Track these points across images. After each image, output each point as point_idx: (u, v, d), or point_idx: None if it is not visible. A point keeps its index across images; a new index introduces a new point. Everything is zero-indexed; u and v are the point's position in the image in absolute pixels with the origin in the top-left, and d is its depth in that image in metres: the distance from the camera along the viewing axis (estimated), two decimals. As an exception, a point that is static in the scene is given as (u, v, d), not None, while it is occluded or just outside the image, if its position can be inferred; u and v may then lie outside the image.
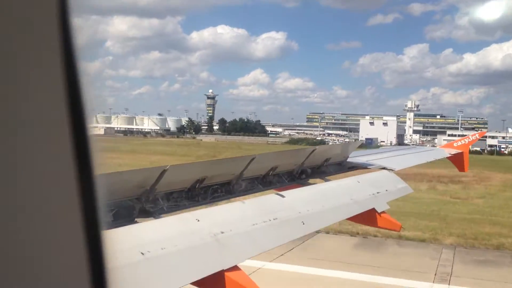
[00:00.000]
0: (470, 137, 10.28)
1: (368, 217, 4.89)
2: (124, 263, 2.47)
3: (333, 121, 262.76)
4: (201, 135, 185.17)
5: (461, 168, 9.65)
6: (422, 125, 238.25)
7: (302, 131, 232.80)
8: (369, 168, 6.36)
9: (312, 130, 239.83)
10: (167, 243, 2.77)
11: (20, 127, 0.79)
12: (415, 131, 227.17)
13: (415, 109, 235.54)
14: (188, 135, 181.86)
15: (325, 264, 14.97)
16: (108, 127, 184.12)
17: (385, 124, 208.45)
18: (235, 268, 2.91)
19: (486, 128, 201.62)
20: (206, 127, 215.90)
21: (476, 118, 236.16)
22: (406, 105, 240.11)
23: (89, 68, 0.87)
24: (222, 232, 3.16)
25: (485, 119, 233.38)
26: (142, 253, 2.58)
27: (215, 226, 3.20)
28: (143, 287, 2.46)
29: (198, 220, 3.18)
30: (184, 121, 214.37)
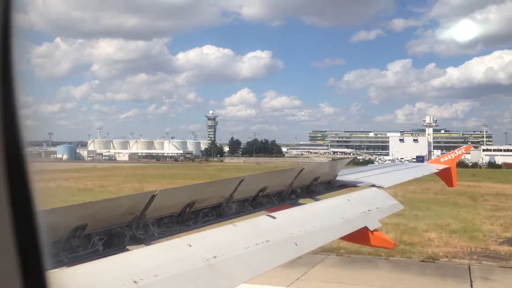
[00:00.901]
0: (457, 151, 10.37)
1: (361, 235, 4.86)
2: None
3: (337, 138, 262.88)
4: (226, 157, 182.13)
5: (449, 183, 9.70)
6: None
7: (307, 150, 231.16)
8: (359, 186, 6.36)
9: (316, 148, 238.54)
10: (160, 270, 2.72)
11: None
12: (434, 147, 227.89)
13: (434, 124, 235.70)
14: (215, 158, 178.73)
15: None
16: (132, 153, 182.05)
17: (415, 141, 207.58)
18: None
19: (491, 141, 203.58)
20: (228, 149, 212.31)
21: (480, 132, 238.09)
22: (424, 120, 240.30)
23: (74, 93, 0.83)
24: (215, 257, 3.11)
25: (489, 133, 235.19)
26: (135, 281, 2.52)
27: (207, 250, 3.15)
28: None
29: (190, 245, 3.14)
30: (203, 144, 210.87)
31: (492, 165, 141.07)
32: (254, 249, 3.48)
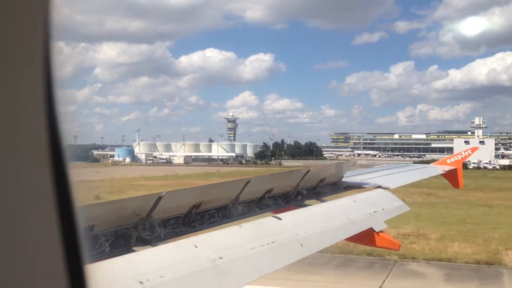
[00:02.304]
0: (463, 153, 10.33)
1: (366, 237, 4.86)
2: None
3: (361, 141, 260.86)
4: (282, 160, 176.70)
5: (455, 184, 9.67)
6: (453, 142, 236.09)
7: (330, 152, 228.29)
8: (365, 187, 6.36)
9: (341, 151, 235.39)
10: (166, 271, 2.74)
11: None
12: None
13: (483, 126, 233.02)
14: (274, 161, 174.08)
15: None
16: (186, 156, 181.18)
17: (482, 142, 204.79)
18: None
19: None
20: (282, 152, 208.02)
21: (507, 133, 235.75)
22: (473, 122, 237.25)
23: (76, 96, 0.87)
24: (221, 258, 3.13)
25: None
26: (141, 282, 2.54)
27: (213, 251, 3.17)
28: None
29: (196, 246, 3.15)
30: (248, 147, 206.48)
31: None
32: (259, 250, 3.49)
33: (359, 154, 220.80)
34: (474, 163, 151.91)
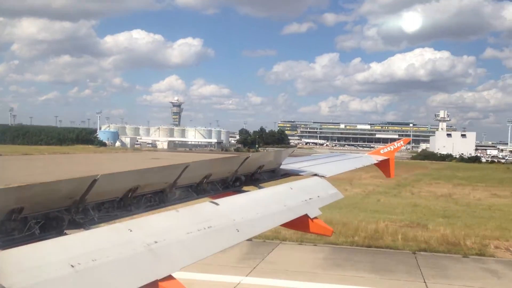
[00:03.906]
0: (396, 144, 10.75)
1: (301, 223, 4.98)
2: (53, 276, 2.37)
3: (308, 129, 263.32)
4: (265, 148, 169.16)
5: (387, 174, 10.06)
6: (397, 134, 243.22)
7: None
8: (302, 175, 6.49)
9: (289, 139, 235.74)
10: (99, 255, 2.69)
11: None
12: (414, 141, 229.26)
13: (448, 119, 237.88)
14: (258, 149, 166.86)
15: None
16: (170, 141, 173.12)
17: (463, 136, 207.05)
18: (169, 277, 2.87)
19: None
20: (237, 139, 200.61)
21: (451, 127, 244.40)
22: (437, 115, 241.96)
23: None
24: (156, 242, 3.11)
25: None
26: (72, 266, 2.48)
27: (148, 235, 3.14)
28: None
29: (131, 230, 3.11)
30: (222, 133, 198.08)
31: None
32: (196, 234, 3.50)
33: (306, 143, 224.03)
34: (488, 155, 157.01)
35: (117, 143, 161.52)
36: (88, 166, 7.46)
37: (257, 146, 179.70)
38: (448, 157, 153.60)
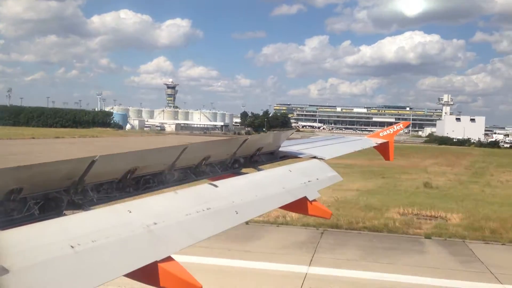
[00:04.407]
0: (395, 127, 10.72)
1: (300, 205, 4.99)
2: (53, 256, 2.38)
3: (304, 112, 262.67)
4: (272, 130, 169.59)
5: (386, 157, 10.06)
6: (394, 117, 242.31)
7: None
8: (300, 157, 6.48)
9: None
10: (98, 235, 2.69)
11: None
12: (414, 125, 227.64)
13: (452, 103, 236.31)
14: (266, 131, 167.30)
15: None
16: (177, 124, 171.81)
17: (472, 120, 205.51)
18: (169, 258, 2.89)
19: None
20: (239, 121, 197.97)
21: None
22: (441, 99, 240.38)
23: None
24: (155, 223, 3.11)
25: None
26: (72, 246, 2.49)
27: (148, 217, 3.15)
28: (73, 281, 2.38)
29: (130, 212, 3.11)
30: (227, 116, 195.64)
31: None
32: (195, 216, 3.51)
33: (303, 126, 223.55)
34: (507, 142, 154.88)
35: (128, 126, 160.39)
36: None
37: (264, 129, 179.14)
38: (466, 142, 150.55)
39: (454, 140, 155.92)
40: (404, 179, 41.36)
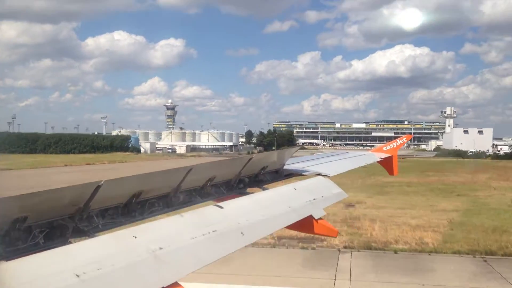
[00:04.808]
0: (398, 141, 10.70)
1: (306, 224, 4.95)
2: (58, 286, 2.35)
3: (304, 129, 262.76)
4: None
5: (390, 171, 10.01)
6: (393, 131, 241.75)
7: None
8: (305, 175, 6.46)
9: None
10: (104, 263, 2.67)
11: None
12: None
13: (455, 115, 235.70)
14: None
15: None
16: (187, 145, 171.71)
17: (480, 132, 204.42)
18: (175, 284, 2.86)
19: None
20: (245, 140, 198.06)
21: (439, 123, 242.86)
22: (443, 112, 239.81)
23: None
24: (161, 248, 3.09)
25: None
26: (77, 275, 2.47)
27: (153, 242, 3.12)
28: None
29: (135, 237, 3.09)
30: (234, 136, 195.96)
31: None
32: (201, 239, 3.48)
33: (303, 143, 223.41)
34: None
35: (142, 149, 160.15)
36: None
37: (273, 148, 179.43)
38: (483, 155, 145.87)
39: (469, 153, 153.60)
40: (482, 196, 38.51)
